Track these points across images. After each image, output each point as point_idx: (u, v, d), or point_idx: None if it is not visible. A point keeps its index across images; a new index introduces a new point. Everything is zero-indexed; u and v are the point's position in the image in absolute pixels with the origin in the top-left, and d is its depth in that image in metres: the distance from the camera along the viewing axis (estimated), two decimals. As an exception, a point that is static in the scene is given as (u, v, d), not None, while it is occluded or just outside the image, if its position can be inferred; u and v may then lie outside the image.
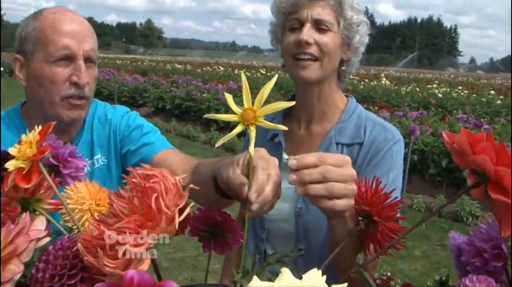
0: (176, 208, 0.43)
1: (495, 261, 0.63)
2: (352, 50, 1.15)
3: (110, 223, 0.41)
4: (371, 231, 0.67)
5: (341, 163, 0.70)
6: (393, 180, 1.07)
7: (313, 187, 0.68)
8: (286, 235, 1.16)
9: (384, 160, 1.08)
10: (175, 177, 0.46)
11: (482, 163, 0.49)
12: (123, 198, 0.44)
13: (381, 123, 1.15)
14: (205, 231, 0.74)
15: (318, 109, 1.16)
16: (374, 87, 14.17)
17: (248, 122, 0.60)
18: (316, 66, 1.09)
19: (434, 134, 6.55)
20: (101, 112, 1.33)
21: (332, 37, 1.09)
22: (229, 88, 11.41)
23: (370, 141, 1.11)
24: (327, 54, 1.09)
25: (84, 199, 0.72)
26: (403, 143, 1.13)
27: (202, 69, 20.03)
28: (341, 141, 1.13)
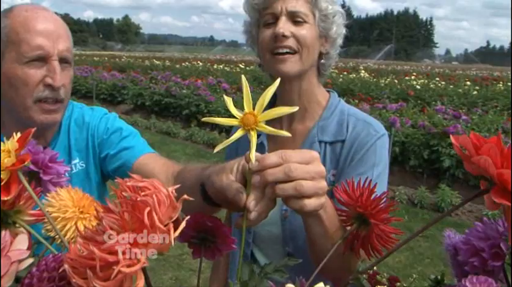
0: (170, 221, 0.41)
1: (493, 260, 0.62)
2: (330, 42, 1.13)
3: (100, 241, 0.38)
4: (362, 233, 0.66)
5: (308, 160, 0.67)
6: (377, 176, 1.05)
7: (280, 187, 0.65)
8: (272, 238, 1.14)
9: (368, 156, 1.06)
10: (167, 188, 0.43)
11: (485, 166, 0.47)
12: (113, 213, 0.41)
13: (364, 117, 1.14)
14: (195, 236, 0.72)
15: (299, 106, 1.13)
16: (353, 80, 14.25)
17: (249, 127, 0.57)
18: (295, 60, 1.07)
19: (414, 125, 6.64)
20: (78, 114, 1.28)
21: (308, 29, 1.07)
22: (208, 83, 11.36)
23: (353, 137, 1.09)
24: (306, 46, 1.07)
25: (66, 207, 0.68)
26: (387, 137, 1.12)
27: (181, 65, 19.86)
28: (324, 140, 1.11)
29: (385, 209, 0.61)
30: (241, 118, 0.58)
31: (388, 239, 0.62)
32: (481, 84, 14.50)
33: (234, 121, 0.58)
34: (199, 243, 0.72)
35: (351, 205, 0.65)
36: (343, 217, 0.70)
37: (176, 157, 7.21)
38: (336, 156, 1.10)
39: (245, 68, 18.03)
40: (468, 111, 8.43)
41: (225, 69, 17.68)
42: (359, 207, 0.63)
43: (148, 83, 12.01)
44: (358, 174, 1.03)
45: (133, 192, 0.41)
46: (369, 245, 0.64)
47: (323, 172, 0.68)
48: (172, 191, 0.41)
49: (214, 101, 9.49)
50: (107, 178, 1.30)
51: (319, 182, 0.67)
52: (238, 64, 20.65)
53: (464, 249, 0.65)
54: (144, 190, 0.40)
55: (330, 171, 1.09)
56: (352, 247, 0.67)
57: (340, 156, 1.09)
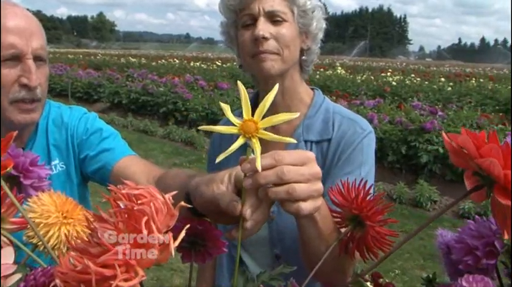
0: (168, 231, 0.39)
1: (487, 258, 0.62)
2: (310, 38, 1.11)
3: (93, 252, 0.36)
4: (357, 235, 0.65)
5: (302, 161, 0.65)
6: (366, 174, 1.04)
7: (273, 190, 0.63)
8: (260, 240, 1.12)
9: (355, 155, 1.05)
10: (163, 194, 0.41)
11: (490, 167, 0.46)
12: (107, 222, 0.38)
13: (350, 115, 1.12)
14: (185, 240, 0.70)
15: (282, 105, 1.11)
16: (330, 76, 14.33)
17: (250, 134, 0.55)
18: (277, 59, 1.04)
19: (391, 121, 6.71)
20: (55, 114, 1.25)
21: (288, 28, 1.05)
22: (185, 81, 11.28)
23: (339, 136, 1.07)
24: (286, 46, 1.04)
25: (49, 212, 0.66)
26: (373, 134, 1.10)
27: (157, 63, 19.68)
28: (310, 139, 1.09)
29: (380, 210, 0.60)
30: (240, 125, 0.56)
31: (384, 241, 0.61)
32: (454, 80, 14.76)
33: (234, 129, 0.56)
34: (189, 247, 0.70)
35: (346, 207, 0.64)
36: (338, 218, 0.69)
37: (154, 156, 7.15)
38: (322, 155, 1.08)
39: (222, 65, 17.98)
40: (444, 107, 8.57)
41: (201, 66, 17.60)
42: (355, 209, 0.62)
43: (125, 81, 11.89)
44: (346, 173, 1.02)
45: (128, 200, 0.39)
46: (365, 247, 0.63)
47: (318, 173, 0.66)
48: (169, 198, 0.39)
49: (192, 99, 9.42)
50: (87, 179, 1.27)
51: (314, 184, 0.65)
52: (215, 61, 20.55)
53: (457, 247, 0.65)
54: (140, 198, 0.38)
55: None
56: (347, 249, 0.66)
57: (327, 156, 1.07)
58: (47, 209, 0.66)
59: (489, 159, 0.46)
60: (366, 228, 0.61)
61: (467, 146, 0.49)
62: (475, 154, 0.48)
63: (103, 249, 0.35)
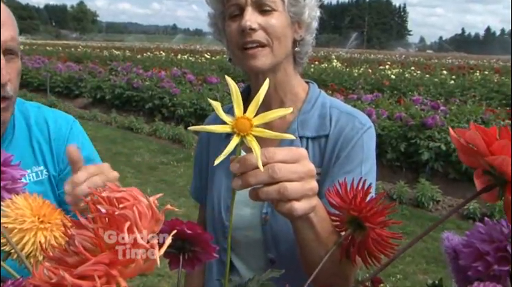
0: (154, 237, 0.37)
1: (499, 264, 0.61)
2: (303, 27, 1.09)
3: (71, 262, 0.34)
4: (358, 238, 0.64)
5: (295, 159, 0.64)
6: (366, 173, 1.02)
7: (263, 190, 0.63)
8: (253, 243, 1.11)
9: (355, 151, 1.04)
10: (147, 197, 0.39)
11: (502, 165, 0.45)
12: (85, 228, 0.37)
13: (348, 110, 1.11)
14: (172, 245, 0.68)
15: (275, 100, 1.10)
16: (325, 69, 14.35)
17: (245, 132, 0.55)
18: (267, 53, 1.03)
19: (390, 117, 6.73)
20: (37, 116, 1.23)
21: (278, 17, 1.02)
22: (172, 74, 11.25)
23: (337, 132, 1.06)
24: (276, 37, 1.02)
25: (24, 217, 0.64)
26: (374, 129, 1.09)
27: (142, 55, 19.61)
28: (305, 135, 1.08)
29: (381, 211, 0.59)
30: (233, 123, 0.55)
31: (387, 244, 0.60)
32: (457, 73, 14.82)
33: (227, 127, 0.55)
34: (177, 252, 0.69)
35: (344, 208, 0.63)
36: (336, 221, 0.68)
37: (139, 154, 7.13)
38: (320, 152, 1.07)
39: (211, 58, 17.96)
40: (446, 101, 8.59)
41: (189, 59, 17.56)
42: (353, 210, 0.61)
43: (108, 75, 11.85)
44: (346, 172, 1.01)
45: (109, 204, 0.37)
46: (366, 251, 0.62)
47: (312, 171, 0.66)
48: (154, 201, 0.38)
49: (179, 94, 9.39)
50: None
51: (308, 182, 0.65)
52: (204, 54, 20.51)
53: (465, 252, 0.63)
54: (122, 201, 0.37)
55: None
56: (347, 254, 0.65)
57: (325, 153, 1.06)
58: (21, 213, 0.64)
59: (500, 156, 0.45)
60: (366, 231, 0.60)
61: (476, 143, 0.48)
62: (485, 151, 0.47)
63: (81, 258, 0.34)
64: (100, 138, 7.89)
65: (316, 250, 0.72)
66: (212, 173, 1.18)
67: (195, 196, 1.29)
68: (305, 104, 1.11)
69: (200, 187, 1.25)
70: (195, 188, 1.28)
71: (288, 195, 0.62)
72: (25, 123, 1.20)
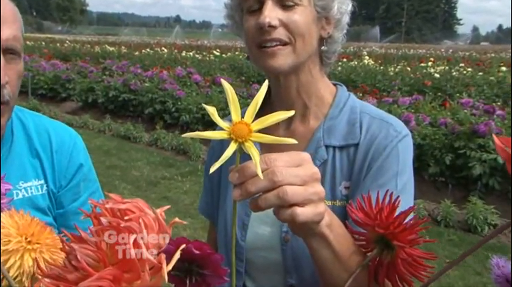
0: (161, 251, 0.41)
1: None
2: (332, 23, 1.12)
3: (71, 279, 0.38)
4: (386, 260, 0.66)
5: (297, 163, 0.69)
6: (403, 187, 1.05)
7: (263, 197, 0.67)
8: (271, 266, 1.14)
9: (389, 162, 1.06)
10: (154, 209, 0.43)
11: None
12: (87, 243, 0.41)
13: (381, 115, 1.14)
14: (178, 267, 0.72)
15: (298, 105, 1.14)
16: (355, 68, 14.30)
17: (243, 138, 0.59)
18: (288, 52, 1.06)
19: (433, 123, 6.66)
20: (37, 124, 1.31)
21: (301, 13, 1.05)
22: (176, 74, 11.31)
23: (368, 140, 1.09)
24: (299, 35, 1.05)
25: (9, 237, 0.66)
26: (410, 138, 1.12)
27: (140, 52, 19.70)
28: (332, 144, 1.12)
29: (411, 227, 0.61)
30: (230, 129, 0.59)
31: (418, 265, 0.62)
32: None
33: (224, 133, 0.60)
34: (183, 275, 0.72)
35: (369, 225, 0.65)
36: (362, 241, 0.70)
37: (138, 168, 7.16)
38: (349, 163, 1.10)
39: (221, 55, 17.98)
40: (504, 104, 8.44)
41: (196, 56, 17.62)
42: (379, 227, 0.63)
43: (101, 76, 11.90)
44: (378, 186, 1.03)
45: (113, 216, 0.41)
46: (396, 274, 0.65)
47: (316, 174, 0.70)
48: (161, 213, 0.42)
49: (184, 97, 9.45)
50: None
51: (312, 186, 0.69)
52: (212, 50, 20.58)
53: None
54: (127, 213, 0.40)
55: (341, 182, 1.10)
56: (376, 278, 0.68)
57: (354, 164, 1.09)
58: (6, 232, 0.66)
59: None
60: (395, 251, 0.62)
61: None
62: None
63: (82, 275, 0.38)
64: (92, 149, 7.93)
65: (337, 272, 0.75)
66: (225, 187, 1.22)
67: (205, 212, 1.33)
68: (332, 108, 1.15)
69: (211, 203, 1.29)
70: (205, 204, 1.32)
71: (288, 199, 0.67)
72: (23, 131, 1.27)
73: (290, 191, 0.66)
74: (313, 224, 0.72)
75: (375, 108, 1.17)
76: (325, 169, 1.10)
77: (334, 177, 1.10)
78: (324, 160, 1.10)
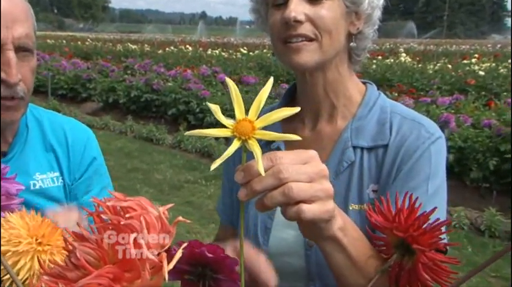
0: (163, 250, 0.42)
1: None
2: (362, 18, 1.12)
3: (71, 277, 0.40)
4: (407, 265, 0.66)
5: (304, 160, 0.71)
6: (435, 192, 1.05)
7: (269, 195, 0.69)
8: (293, 272, 1.15)
9: (420, 165, 1.06)
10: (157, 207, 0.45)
11: None
12: (88, 241, 0.42)
13: (413, 116, 1.14)
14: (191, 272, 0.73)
15: (325, 104, 1.16)
16: (391, 66, 14.16)
17: (247, 136, 0.61)
18: (314, 48, 1.07)
19: (475, 125, 6.57)
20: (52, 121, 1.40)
21: (329, 7, 1.06)
22: (201, 73, 11.36)
23: (398, 141, 1.09)
24: (326, 31, 1.06)
25: (19, 238, 0.68)
26: (444, 141, 1.12)
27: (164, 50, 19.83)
28: (360, 145, 1.12)
29: (432, 230, 0.61)
30: (234, 127, 0.61)
31: (441, 270, 0.62)
32: None
33: (227, 131, 0.62)
34: (196, 280, 0.73)
35: (388, 228, 0.65)
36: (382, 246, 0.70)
37: (160, 171, 7.21)
38: (377, 165, 1.10)
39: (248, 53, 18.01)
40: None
41: (222, 54, 17.68)
42: (397, 230, 0.64)
43: (122, 75, 12.00)
44: (409, 189, 1.01)
45: (115, 214, 0.43)
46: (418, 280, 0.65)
47: (324, 171, 0.72)
48: (164, 212, 0.43)
49: (209, 97, 9.49)
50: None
51: (319, 183, 0.70)
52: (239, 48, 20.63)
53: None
54: (129, 211, 0.42)
55: (369, 185, 1.10)
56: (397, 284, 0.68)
57: (383, 166, 1.09)
58: (17, 233, 0.68)
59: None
60: (416, 255, 0.62)
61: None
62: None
63: (82, 273, 0.39)
64: (113, 151, 8.05)
65: (354, 278, 0.76)
66: None
67: (223, 214, 1.34)
68: (360, 108, 1.15)
69: (229, 205, 1.30)
70: (223, 205, 1.33)
71: (294, 195, 0.68)
72: (38, 127, 1.36)
73: (296, 187, 0.68)
74: (322, 223, 0.73)
75: (406, 109, 1.17)
76: (353, 171, 1.11)
77: (361, 180, 1.11)
78: (351, 161, 1.11)
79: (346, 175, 1.11)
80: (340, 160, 1.12)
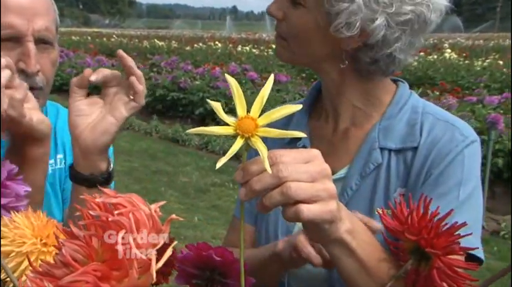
0: (153, 250, 0.43)
1: None
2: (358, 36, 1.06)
3: (58, 275, 0.41)
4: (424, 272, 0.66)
5: (305, 159, 0.72)
6: (466, 199, 1.03)
7: (268, 195, 0.70)
8: (314, 278, 1.15)
9: (452, 169, 1.05)
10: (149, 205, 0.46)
11: None
12: (77, 239, 0.43)
13: (446, 117, 1.13)
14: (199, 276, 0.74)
15: (342, 103, 1.18)
16: (434, 63, 14.00)
17: (249, 133, 0.62)
18: (284, 46, 1.13)
19: (527, 126, 6.45)
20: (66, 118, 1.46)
21: (301, 15, 1.08)
22: (230, 71, 11.38)
23: (429, 143, 1.08)
24: (292, 36, 1.11)
25: (23, 238, 0.69)
26: (479, 144, 1.11)
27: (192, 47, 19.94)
28: (388, 146, 1.12)
29: (447, 232, 0.60)
30: (236, 124, 0.63)
31: (458, 277, 0.61)
32: None
33: (229, 129, 0.64)
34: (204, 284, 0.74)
35: (400, 231, 0.65)
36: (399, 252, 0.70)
37: (186, 173, 7.24)
38: (405, 168, 1.10)
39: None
40: None
41: (252, 51, 17.68)
42: (409, 233, 0.63)
43: (148, 73, 12.06)
44: (438, 195, 1.02)
45: (104, 210, 0.44)
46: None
47: (326, 170, 0.72)
48: (156, 210, 0.44)
49: (239, 96, 9.50)
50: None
51: (321, 183, 0.71)
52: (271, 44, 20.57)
53: None
54: (118, 207, 0.43)
55: (396, 189, 1.10)
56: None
57: (411, 169, 1.09)
58: (21, 233, 0.69)
59: None
60: (431, 261, 0.62)
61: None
62: None
63: (70, 271, 0.40)
64: (137, 152, 8.11)
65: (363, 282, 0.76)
66: None
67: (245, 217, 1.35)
68: (390, 107, 1.15)
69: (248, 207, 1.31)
70: None
71: (292, 194, 0.69)
72: (54, 120, 1.44)
73: (294, 187, 0.69)
74: (325, 224, 0.74)
75: (440, 109, 1.17)
76: (379, 174, 1.11)
77: (388, 183, 1.10)
78: (378, 164, 1.11)
79: (372, 178, 1.11)
80: (366, 162, 1.12)
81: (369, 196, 1.11)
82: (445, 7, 1.09)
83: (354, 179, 1.11)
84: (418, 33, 1.10)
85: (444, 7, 1.09)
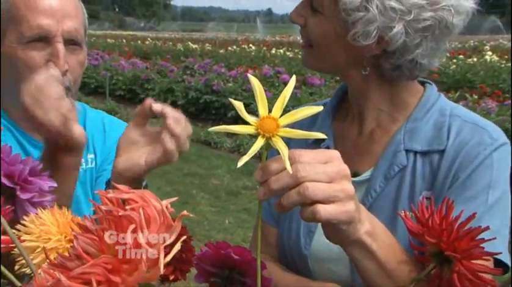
0: (162, 245, 0.44)
1: None
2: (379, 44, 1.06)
3: (70, 267, 0.42)
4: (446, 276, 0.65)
5: (324, 160, 0.72)
6: (495, 202, 1.02)
7: (285, 195, 0.71)
8: (337, 281, 1.14)
9: (480, 172, 1.04)
10: (161, 201, 0.46)
11: None
12: (90, 232, 0.44)
13: (475, 119, 1.12)
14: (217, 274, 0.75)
15: (366, 105, 1.18)
16: (474, 66, 13.81)
17: (270, 133, 0.64)
18: (308, 53, 1.15)
19: None
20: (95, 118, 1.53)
21: (319, 22, 1.10)
22: (263, 74, 11.40)
23: (457, 146, 1.07)
24: (314, 42, 1.12)
25: (49, 234, 0.71)
26: (510, 148, 1.09)
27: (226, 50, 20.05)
28: (414, 148, 1.11)
29: (469, 235, 0.60)
30: (257, 124, 0.65)
31: (480, 282, 0.60)
32: None
33: (251, 128, 0.65)
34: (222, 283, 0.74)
35: (421, 234, 0.65)
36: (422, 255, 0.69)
37: (218, 176, 7.28)
38: (431, 171, 1.09)
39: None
40: None
41: (286, 54, 17.70)
42: (429, 235, 0.63)
43: (181, 75, 12.19)
44: (466, 199, 1.02)
45: (116, 205, 0.44)
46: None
47: (345, 170, 0.73)
48: (167, 205, 0.44)
49: (271, 98, 9.50)
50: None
51: (339, 183, 0.72)
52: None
53: None
54: (130, 203, 0.44)
55: (422, 192, 1.09)
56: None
57: (438, 172, 1.08)
58: (47, 229, 0.72)
59: None
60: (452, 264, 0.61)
61: None
62: None
63: (82, 263, 0.41)
64: (169, 154, 8.17)
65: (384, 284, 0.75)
66: None
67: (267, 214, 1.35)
68: (416, 109, 1.14)
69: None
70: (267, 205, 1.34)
71: (309, 194, 0.70)
72: (82, 118, 1.48)
73: (311, 187, 0.69)
74: (343, 225, 0.74)
75: (469, 112, 1.16)
76: (404, 176, 1.10)
77: (414, 186, 1.10)
78: (403, 166, 1.10)
79: (397, 180, 1.11)
80: (391, 164, 1.11)
81: (394, 199, 1.10)
82: (471, 9, 1.08)
83: (378, 181, 1.11)
84: (440, 38, 1.09)
85: (470, 8, 1.07)
